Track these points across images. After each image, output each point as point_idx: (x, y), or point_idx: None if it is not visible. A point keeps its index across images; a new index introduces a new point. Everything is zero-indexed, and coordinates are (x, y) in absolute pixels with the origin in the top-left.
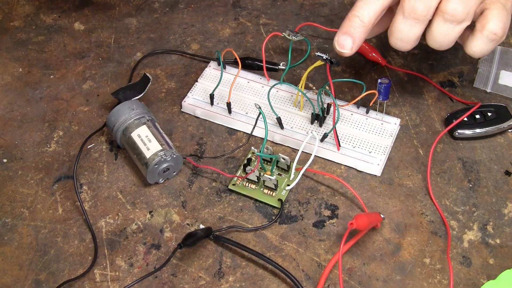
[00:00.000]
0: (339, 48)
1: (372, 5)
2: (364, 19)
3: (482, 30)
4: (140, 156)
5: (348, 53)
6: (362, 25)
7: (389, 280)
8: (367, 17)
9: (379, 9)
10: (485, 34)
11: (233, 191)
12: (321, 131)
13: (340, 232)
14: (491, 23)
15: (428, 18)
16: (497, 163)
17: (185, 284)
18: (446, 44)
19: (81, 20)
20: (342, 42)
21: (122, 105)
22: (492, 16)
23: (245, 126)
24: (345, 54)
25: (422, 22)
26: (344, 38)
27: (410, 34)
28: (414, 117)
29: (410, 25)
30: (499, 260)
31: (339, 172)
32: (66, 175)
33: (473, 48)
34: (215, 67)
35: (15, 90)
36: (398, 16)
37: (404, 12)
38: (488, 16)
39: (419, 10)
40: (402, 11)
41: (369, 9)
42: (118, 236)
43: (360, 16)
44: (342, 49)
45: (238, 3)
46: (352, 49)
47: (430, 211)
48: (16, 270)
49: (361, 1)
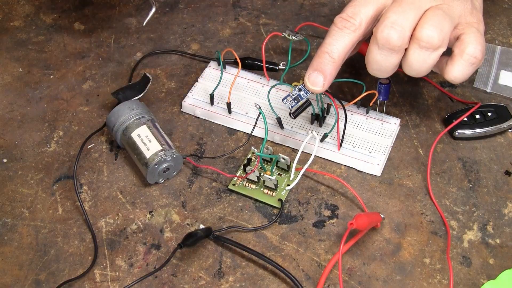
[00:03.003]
0: (311, 85)
1: (341, 41)
2: (334, 55)
3: (462, 54)
4: (140, 156)
5: (320, 90)
6: (332, 61)
7: (389, 280)
8: (336, 53)
9: (348, 44)
10: (465, 58)
11: (233, 191)
12: (321, 131)
13: (340, 232)
14: (470, 47)
15: (404, 47)
16: (497, 163)
17: (185, 284)
18: (423, 71)
19: (81, 20)
20: (314, 79)
21: (122, 105)
22: (470, 40)
23: (245, 126)
24: (316, 92)
25: (397, 52)
26: (315, 76)
27: (387, 63)
28: (414, 117)
29: (385, 55)
30: (499, 260)
31: (339, 172)
32: (66, 175)
33: (454, 74)
34: (215, 67)
35: (15, 90)
36: (373, 47)
37: (378, 43)
38: (465, 41)
39: (394, 40)
40: (376, 42)
41: (338, 45)
42: (118, 236)
43: (329, 53)
44: (314, 86)
45: (238, 3)
46: (324, 86)
47: (430, 211)
48: (16, 270)
49: (330, 37)
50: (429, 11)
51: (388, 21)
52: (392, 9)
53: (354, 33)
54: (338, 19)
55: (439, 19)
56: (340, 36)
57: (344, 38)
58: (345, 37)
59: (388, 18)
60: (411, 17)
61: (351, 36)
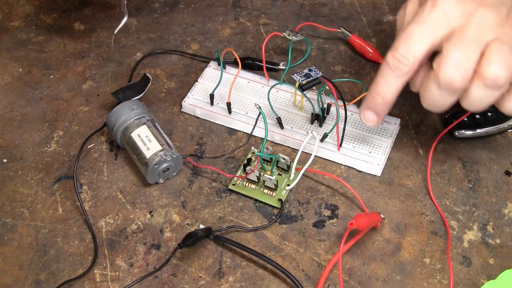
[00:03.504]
0: (365, 121)
1: (393, 83)
2: (386, 97)
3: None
4: (140, 156)
5: (374, 125)
6: (384, 102)
7: (389, 280)
8: (389, 95)
9: (400, 86)
10: None
11: (233, 191)
12: (321, 131)
13: (340, 232)
14: None
15: (466, 88)
16: (497, 163)
17: (185, 284)
18: (483, 107)
19: (81, 20)
20: (367, 116)
21: (122, 105)
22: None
23: (245, 126)
24: (370, 126)
25: (458, 92)
26: (368, 113)
27: (445, 102)
28: (414, 117)
29: (445, 95)
30: (499, 260)
31: (339, 172)
32: (66, 175)
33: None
34: (215, 67)
35: (15, 90)
36: (433, 86)
37: (440, 83)
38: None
39: (457, 82)
40: (437, 81)
41: (391, 88)
42: (118, 236)
43: (381, 94)
44: (367, 122)
45: (238, 3)
46: (377, 122)
47: (430, 211)
48: (16, 270)
49: (382, 77)
50: (493, 44)
51: (451, 61)
52: (454, 47)
53: (407, 74)
54: (390, 58)
55: (505, 55)
56: (392, 77)
57: (396, 80)
58: (397, 79)
59: (451, 58)
60: (475, 55)
61: (404, 78)
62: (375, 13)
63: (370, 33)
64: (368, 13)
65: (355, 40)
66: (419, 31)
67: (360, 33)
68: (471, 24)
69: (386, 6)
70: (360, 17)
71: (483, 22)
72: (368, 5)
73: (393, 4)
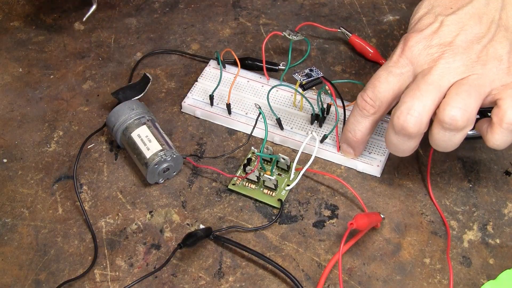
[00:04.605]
0: (344, 154)
1: (362, 123)
2: (356, 135)
3: (501, 123)
4: (140, 156)
5: (353, 158)
6: (356, 140)
7: (389, 280)
8: (359, 134)
9: (368, 126)
10: (505, 127)
11: (233, 191)
12: (321, 132)
13: (340, 232)
14: (509, 114)
15: (421, 133)
16: (497, 163)
17: (185, 284)
18: (450, 148)
19: (81, 20)
20: (344, 149)
21: (122, 105)
22: (508, 106)
23: (245, 127)
24: (350, 158)
25: (414, 138)
26: (345, 147)
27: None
28: None
29: (402, 140)
30: (499, 260)
31: (339, 172)
32: (66, 175)
33: (495, 142)
34: (215, 66)
35: (15, 90)
36: (390, 130)
37: (395, 129)
38: (503, 107)
39: (410, 127)
40: (392, 126)
41: (360, 127)
42: (118, 236)
43: (351, 132)
44: (345, 155)
45: (238, 3)
46: (355, 155)
47: (430, 211)
48: (16, 270)
49: (352, 116)
50: (453, 88)
51: (404, 107)
52: (409, 93)
53: (374, 115)
54: (359, 98)
55: (462, 97)
56: (361, 117)
57: (364, 120)
58: (365, 119)
59: (405, 104)
60: (429, 100)
61: (371, 118)
62: (375, 13)
63: (370, 33)
64: (368, 13)
65: (355, 40)
66: (386, 79)
67: (360, 33)
68: (435, 69)
69: (386, 6)
70: (360, 17)
71: (449, 65)
72: (368, 5)
73: (393, 4)
